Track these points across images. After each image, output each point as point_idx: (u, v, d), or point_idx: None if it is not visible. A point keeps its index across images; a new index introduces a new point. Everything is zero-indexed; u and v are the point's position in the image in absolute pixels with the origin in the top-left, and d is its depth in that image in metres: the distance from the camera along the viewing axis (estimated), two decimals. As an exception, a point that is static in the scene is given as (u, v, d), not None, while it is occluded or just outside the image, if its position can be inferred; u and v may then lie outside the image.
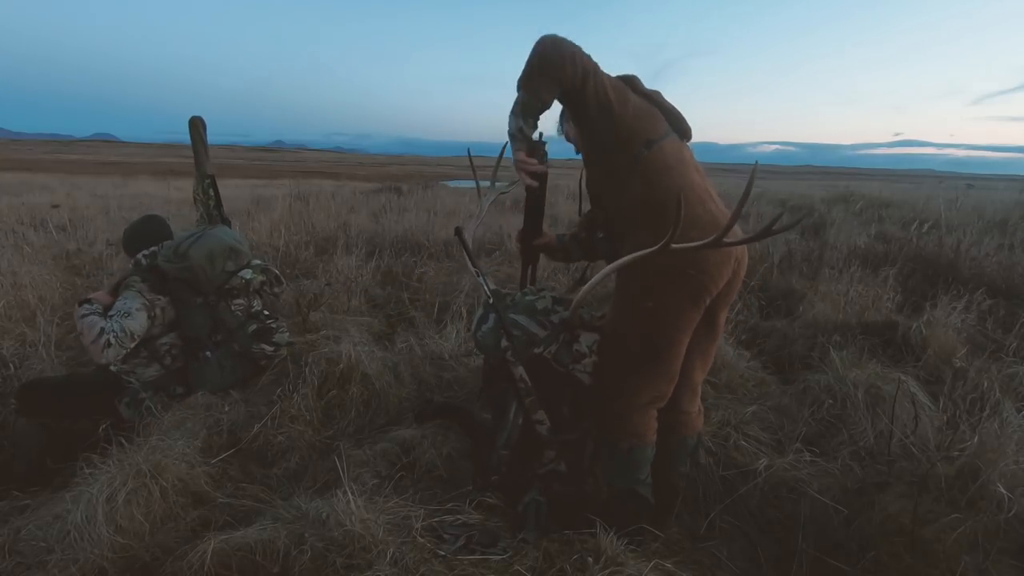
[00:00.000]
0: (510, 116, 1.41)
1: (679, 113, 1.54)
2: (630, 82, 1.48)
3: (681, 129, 1.53)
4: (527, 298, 1.55)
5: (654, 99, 1.49)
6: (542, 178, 1.53)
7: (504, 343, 1.49)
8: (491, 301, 1.52)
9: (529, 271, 1.78)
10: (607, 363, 1.50)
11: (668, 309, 1.39)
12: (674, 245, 1.22)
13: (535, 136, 1.48)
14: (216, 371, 2.09)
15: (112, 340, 1.86)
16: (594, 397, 1.53)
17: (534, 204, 1.67)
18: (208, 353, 2.07)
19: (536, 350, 1.49)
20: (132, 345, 1.92)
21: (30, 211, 6.63)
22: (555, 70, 1.32)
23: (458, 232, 1.60)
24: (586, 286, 1.47)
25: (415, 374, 2.39)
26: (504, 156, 1.89)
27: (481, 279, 1.54)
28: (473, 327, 1.59)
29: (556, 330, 1.49)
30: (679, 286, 1.37)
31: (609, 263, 1.53)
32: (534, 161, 1.46)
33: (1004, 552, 1.31)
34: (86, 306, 1.93)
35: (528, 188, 1.55)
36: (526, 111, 1.38)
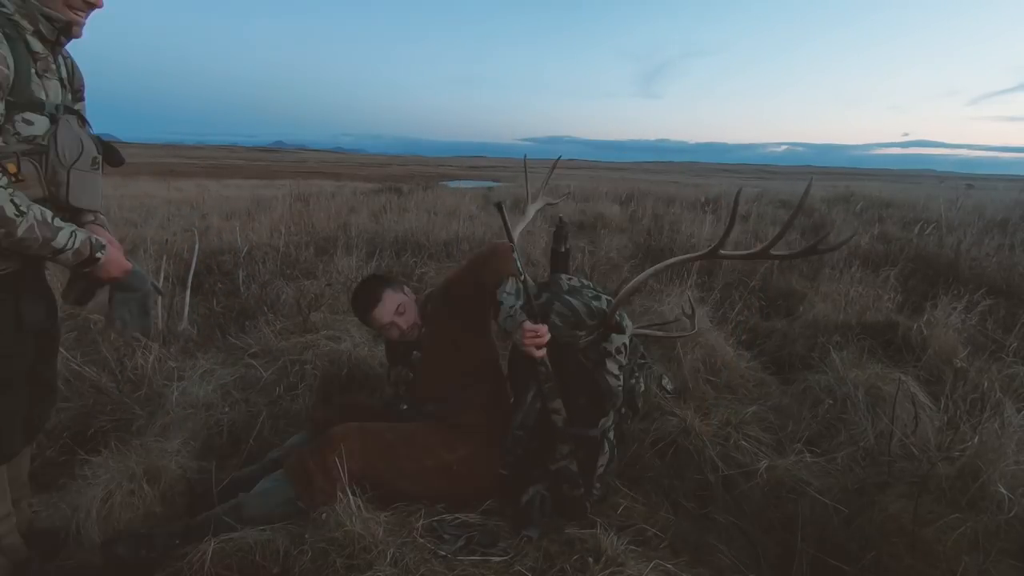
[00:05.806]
0: (508, 305, 1.44)
1: None
2: None
3: None
4: (571, 283, 1.59)
5: None
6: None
7: (557, 321, 1.47)
8: (523, 278, 1.45)
9: None
10: None
11: None
12: (723, 252, 1.44)
13: (559, 219, 1.71)
14: None
15: None
16: (613, 398, 1.53)
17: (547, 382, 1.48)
18: None
19: (579, 333, 1.51)
20: None
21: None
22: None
23: (499, 207, 1.47)
24: (632, 283, 1.53)
25: (415, 374, 2.39)
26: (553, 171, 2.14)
27: (517, 260, 1.46)
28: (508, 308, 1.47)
29: (601, 321, 1.52)
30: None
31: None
32: (543, 328, 1.38)
33: (1004, 552, 1.31)
34: None
35: (539, 363, 1.44)
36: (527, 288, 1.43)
